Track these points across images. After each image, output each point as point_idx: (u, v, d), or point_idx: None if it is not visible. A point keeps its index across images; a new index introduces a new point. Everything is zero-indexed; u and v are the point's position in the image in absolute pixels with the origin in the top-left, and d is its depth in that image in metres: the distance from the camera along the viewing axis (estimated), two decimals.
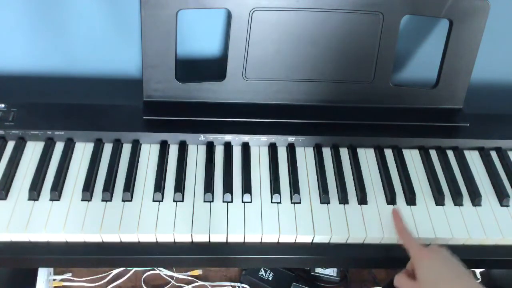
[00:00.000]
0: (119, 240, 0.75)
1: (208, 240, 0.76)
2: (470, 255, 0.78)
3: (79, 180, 0.81)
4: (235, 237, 0.76)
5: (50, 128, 0.85)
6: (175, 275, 1.30)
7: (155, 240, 0.76)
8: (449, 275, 0.67)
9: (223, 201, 0.79)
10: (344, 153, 0.89)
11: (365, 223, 0.78)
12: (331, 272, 1.29)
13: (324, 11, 0.82)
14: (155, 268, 1.30)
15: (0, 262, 0.78)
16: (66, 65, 0.98)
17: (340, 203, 0.81)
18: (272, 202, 0.80)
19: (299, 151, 0.88)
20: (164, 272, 1.31)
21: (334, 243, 0.78)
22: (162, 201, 0.79)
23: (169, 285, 1.29)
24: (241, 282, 1.29)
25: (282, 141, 0.88)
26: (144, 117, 0.87)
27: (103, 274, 1.29)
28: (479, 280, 1.30)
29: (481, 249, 0.79)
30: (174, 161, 0.84)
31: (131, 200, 0.79)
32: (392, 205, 0.81)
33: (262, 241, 0.77)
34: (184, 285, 1.29)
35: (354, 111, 0.90)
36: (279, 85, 0.88)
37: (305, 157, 0.88)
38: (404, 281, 0.70)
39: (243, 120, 0.88)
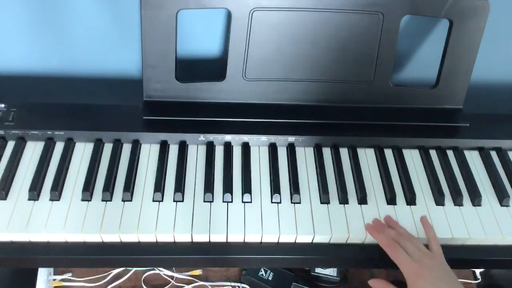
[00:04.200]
0: (119, 240, 0.75)
1: (208, 240, 0.76)
2: (470, 255, 0.78)
3: (79, 180, 0.81)
4: (235, 237, 0.76)
5: (50, 128, 0.85)
6: (175, 275, 1.30)
7: (155, 240, 0.76)
8: None
9: (223, 201, 0.79)
10: (344, 153, 0.89)
11: (365, 223, 0.78)
12: (331, 272, 1.28)
13: (324, 11, 0.82)
14: (155, 268, 1.30)
15: (0, 262, 0.78)
16: (66, 65, 0.98)
17: (340, 203, 0.81)
18: (272, 202, 0.80)
19: (299, 151, 0.88)
20: (164, 272, 1.30)
21: (334, 243, 0.78)
22: (162, 201, 0.79)
23: (169, 285, 1.29)
24: (241, 282, 1.29)
25: (282, 141, 0.88)
26: (144, 117, 0.87)
27: (103, 274, 1.29)
28: (479, 280, 1.30)
29: (481, 249, 0.79)
30: (174, 161, 0.84)
31: (131, 200, 0.79)
32: (392, 205, 0.82)
33: (262, 241, 0.77)
34: (184, 285, 1.29)
35: (354, 111, 0.90)
36: (279, 85, 0.88)
37: (305, 157, 0.88)
38: None
39: (243, 120, 0.88)
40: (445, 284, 0.68)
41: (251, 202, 0.80)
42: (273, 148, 0.87)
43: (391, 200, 0.82)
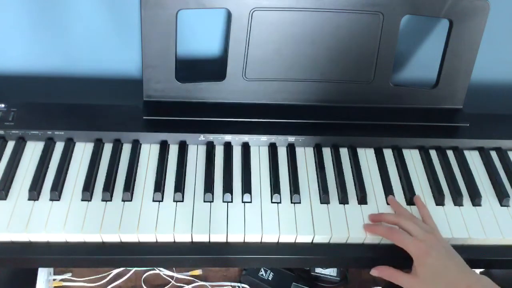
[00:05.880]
0: (119, 240, 0.75)
1: (208, 240, 0.76)
2: (470, 255, 0.78)
3: (79, 180, 0.81)
4: (235, 237, 0.76)
5: (50, 128, 0.85)
6: (175, 275, 1.30)
7: (155, 240, 0.76)
8: (452, 273, 0.68)
9: (223, 201, 0.79)
10: (344, 153, 0.89)
11: (365, 223, 0.78)
12: (331, 272, 1.29)
13: (324, 11, 0.82)
14: (155, 268, 1.30)
15: (0, 262, 0.78)
16: (66, 65, 0.98)
17: (340, 203, 0.81)
18: (272, 202, 0.80)
19: (299, 151, 0.88)
20: (164, 272, 1.31)
21: (334, 243, 0.78)
22: (162, 201, 0.79)
23: (169, 285, 1.29)
24: (241, 282, 1.30)
25: (282, 141, 0.88)
26: (144, 117, 0.87)
27: (103, 274, 1.29)
28: None
29: (481, 249, 0.79)
30: (174, 161, 0.84)
31: (131, 200, 0.79)
32: None
33: (262, 241, 0.77)
34: (184, 285, 1.30)
35: (354, 111, 0.90)
36: (279, 85, 0.88)
37: (305, 157, 0.88)
38: (403, 279, 0.71)
39: (243, 120, 0.88)
40: (449, 257, 0.70)
41: (251, 202, 0.80)
42: (273, 148, 0.87)
43: None
